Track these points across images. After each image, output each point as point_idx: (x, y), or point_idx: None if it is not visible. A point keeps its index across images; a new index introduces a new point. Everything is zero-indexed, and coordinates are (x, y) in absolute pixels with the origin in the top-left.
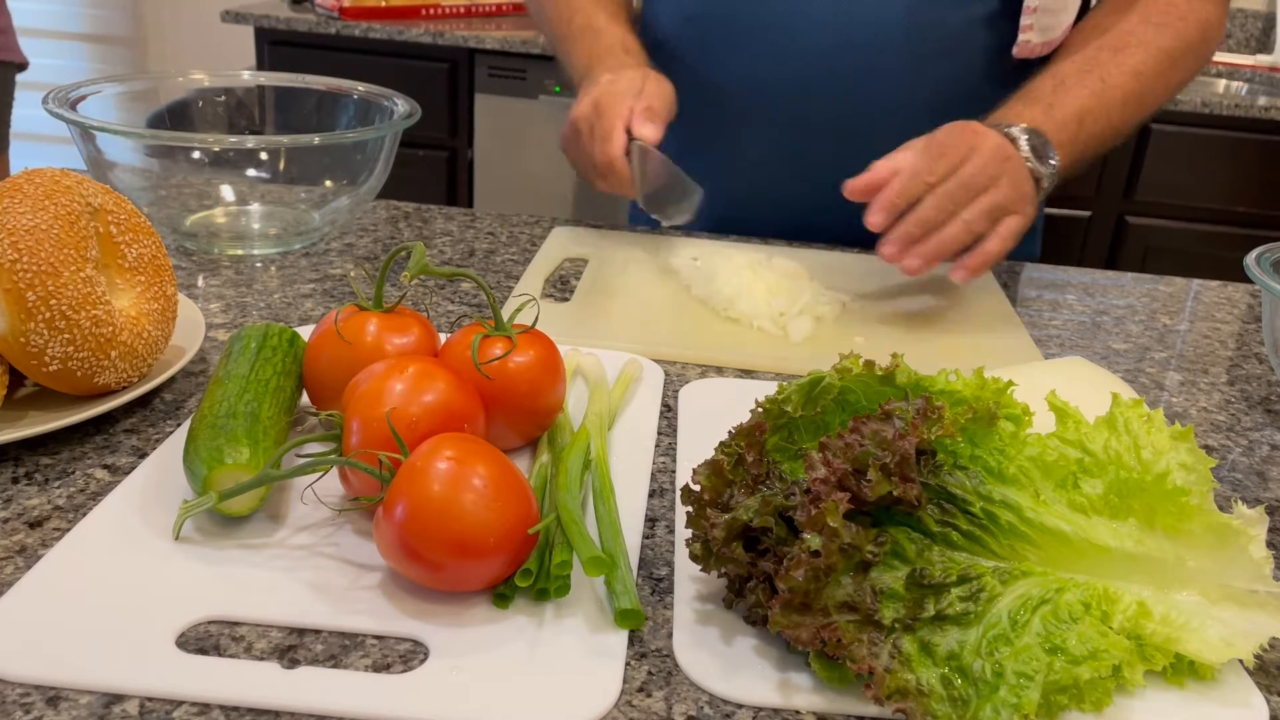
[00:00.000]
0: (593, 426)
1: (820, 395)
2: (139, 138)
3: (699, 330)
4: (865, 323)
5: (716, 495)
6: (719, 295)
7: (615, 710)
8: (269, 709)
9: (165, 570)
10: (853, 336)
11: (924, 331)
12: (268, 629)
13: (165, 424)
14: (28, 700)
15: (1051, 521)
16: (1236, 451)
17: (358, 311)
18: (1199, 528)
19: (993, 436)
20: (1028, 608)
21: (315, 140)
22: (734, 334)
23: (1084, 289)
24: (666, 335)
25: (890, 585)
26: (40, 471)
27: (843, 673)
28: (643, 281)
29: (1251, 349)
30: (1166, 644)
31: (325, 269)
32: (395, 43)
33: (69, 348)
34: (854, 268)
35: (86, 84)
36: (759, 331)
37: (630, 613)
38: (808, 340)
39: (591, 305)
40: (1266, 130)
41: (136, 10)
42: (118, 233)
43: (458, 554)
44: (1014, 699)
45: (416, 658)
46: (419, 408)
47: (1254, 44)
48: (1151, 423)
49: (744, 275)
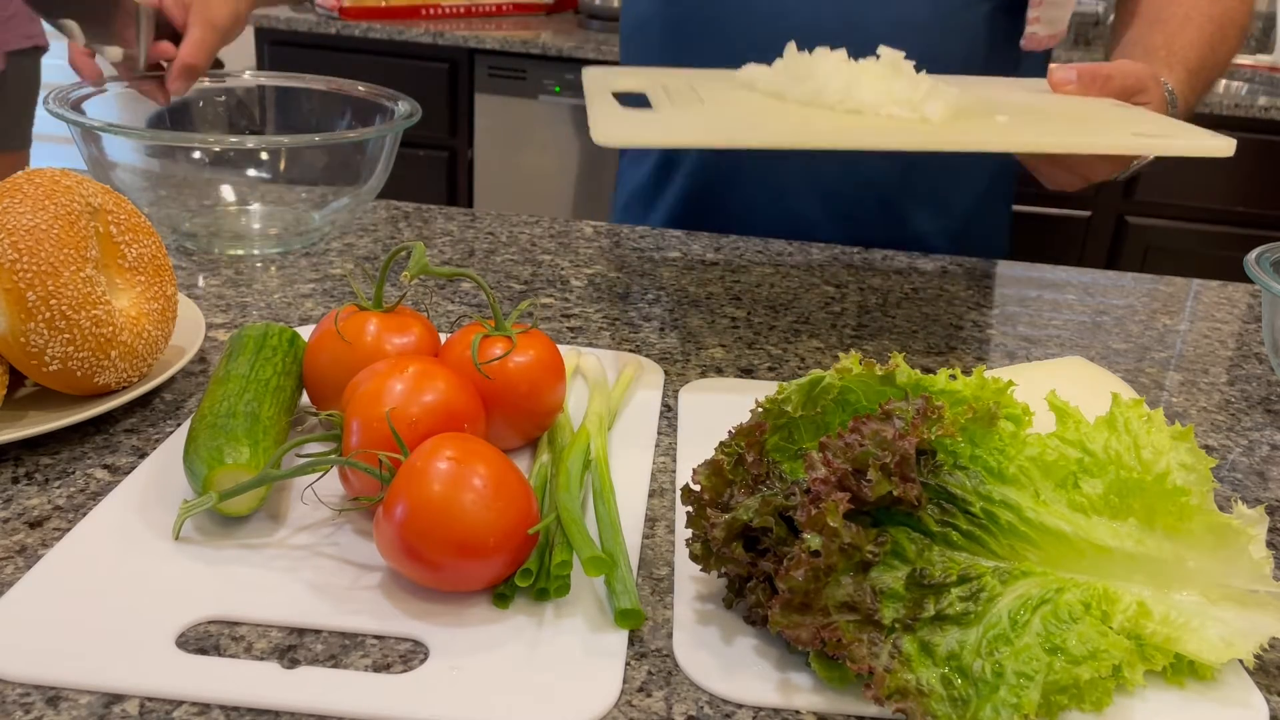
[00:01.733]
0: (593, 426)
1: (820, 395)
2: (140, 137)
3: (823, 122)
4: (991, 111)
5: (716, 495)
6: (828, 89)
7: (615, 710)
8: (269, 709)
9: (165, 570)
10: (994, 116)
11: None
12: (268, 629)
13: (165, 424)
14: (28, 700)
15: (1051, 521)
16: (1236, 451)
17: (358, 311)
18: (1199, 528)
19: (993, 436)
20: (1028, 608)
21: (315, 140)
22: (866, 123)
23: (1084, 289)
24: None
25: (890, 585)
26: (40, 471)
27: (843, 673)
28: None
29: (1251, 349)
30: (1166, 644)
31: (325, 269)
32: (395, 43)
33: (69, 348)
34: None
35: (88, 84)
36: (890, 119)
37: (630, 613)
38: (950, 120)
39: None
40: (1266, 130)
41: None
42: (118, 233)
43: (458, 554)
44: (1014, 699)
45: (416, 658)
46: (419, 408)
47: (1254, 44)
48: (1151, 423)
49: (849, 67)
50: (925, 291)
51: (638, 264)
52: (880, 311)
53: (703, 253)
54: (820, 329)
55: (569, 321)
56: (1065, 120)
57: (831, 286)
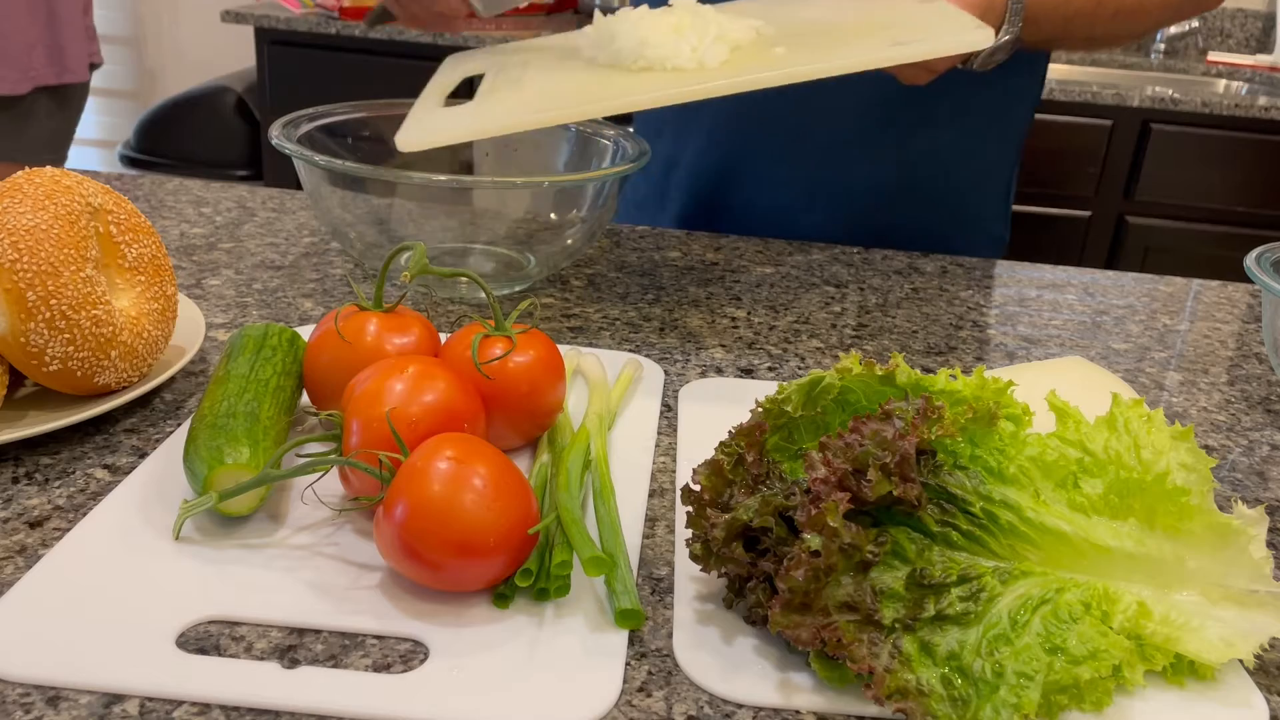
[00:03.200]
0: (593, 426)
1: (820, 395)
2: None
3: (605, 85)
4: (782, 40)
5: (716, 495)
6: (625, 51)
7: (615, 710)
8: (269, 709)
9: (165, 570)
10: (772, 49)
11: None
12: (268, 629)
13: (165, 424)
14: (28, 700)
15: (1051, 521)
16: (1236, 451)
17: (358, 311)
18: (1199, 528)
19: (993, 436)
20: (1028, 608)
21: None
22: (646, 80)
23: (1084, 289)
24: (571, 97)
25: (890, 585)
26: (40, 471)
27: (843, 673)
28: (544, 69)
29: (1251, 349)
30: (1166, 644)
31: (325, 269)
32: (395, 43)
33: (69, 348)
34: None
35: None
36: (675, 71)
37: (630, 613)
38: (725, 64)
39: (493, 100)
40: (1266, 130)
41: (136, 10)
42: (118, 233)
43: (458, 554)
44: (1014, 699)
45: (416, 658)
46: (419, 407)
47: (1254, 44)
48: (1151, 423)
49: (644, 23)
50: (925, 291)
51: (638, 264)
52: (880, 311)
53: (703, 253)
54: (820, 329)
55: (569, 321)
56: (837, 39)
57: (831, 286)
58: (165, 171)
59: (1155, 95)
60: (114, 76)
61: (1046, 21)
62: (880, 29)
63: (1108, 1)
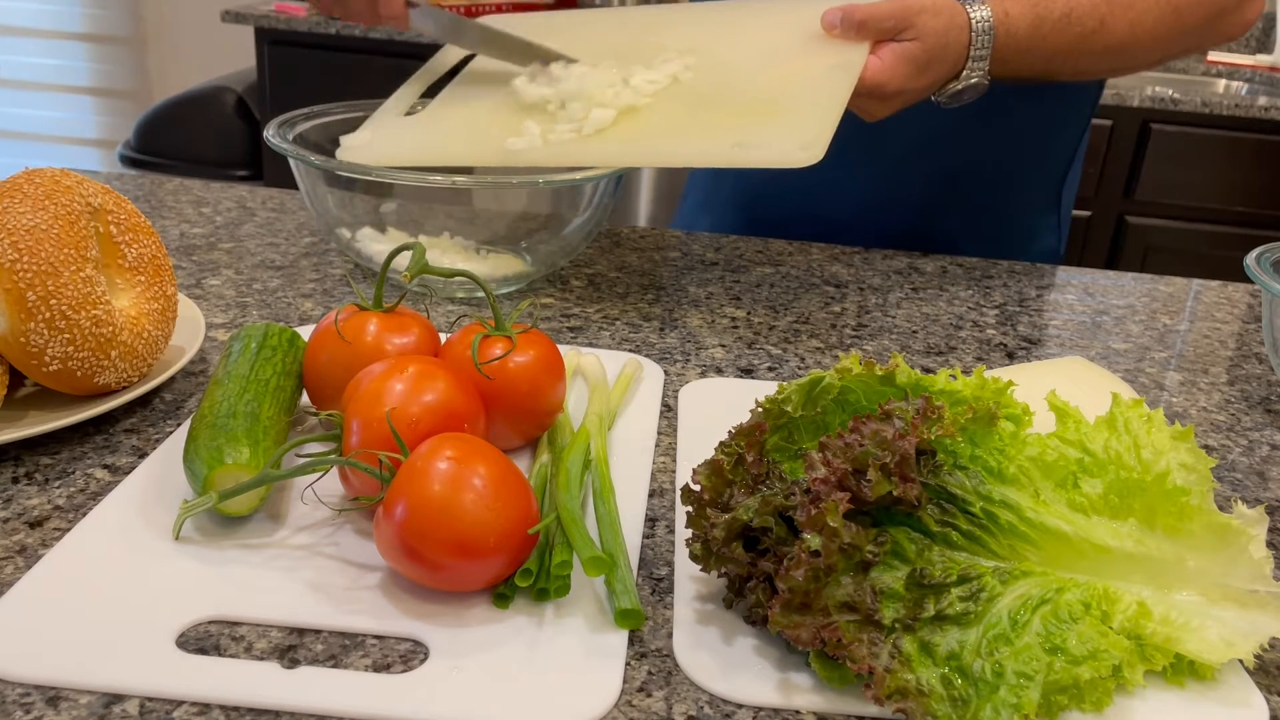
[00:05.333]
0: (593, 426)
1: (820, 395)
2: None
3: (486, 130)
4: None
5: (716, 495)
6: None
7: (615, 710)
8: (269, 709)
9: (165, 570)
10: (649, 115)
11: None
12: (268, 629)
13: (165, 424)
14: (28, 700)
15: (1051, 521)
16: (1236, 451)
17: (358, 311)
18: (1199, 528)
19: (993, 436)
20: (1028, 608)
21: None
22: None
23: (1084, 289)
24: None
25: (890, 585)
26: (40, 471)
27: (843, 673)
28: (483, 92)
29: (1251, 349)
30: (1166, 644)
31: (325, 269)
32: (395, 43)
33: (69, 348)
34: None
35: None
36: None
37: (630, 613)
38: (601, 132)
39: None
40: (1266, 130)
41: (136, 10)
42: (118, 233)
43: (458, 554)
44: (1014, 699)
45: (416, 658)
46: (419, 407)
47: (1254, 44)
48: (1151, 423)
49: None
50: (925, 291)
51: (638, 264)
52: (880, 311)
53: (703, 253)
54: (820, 329)
55: (569, 321)
56: (712, 108)
57: (831, 286)
58: (165, 171)
59: (1155, 95)
60: (114, 76)
61: (1020, 63)
62: (748, 113)
63: (1093, 39)
